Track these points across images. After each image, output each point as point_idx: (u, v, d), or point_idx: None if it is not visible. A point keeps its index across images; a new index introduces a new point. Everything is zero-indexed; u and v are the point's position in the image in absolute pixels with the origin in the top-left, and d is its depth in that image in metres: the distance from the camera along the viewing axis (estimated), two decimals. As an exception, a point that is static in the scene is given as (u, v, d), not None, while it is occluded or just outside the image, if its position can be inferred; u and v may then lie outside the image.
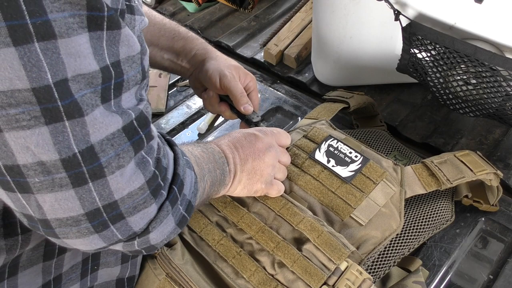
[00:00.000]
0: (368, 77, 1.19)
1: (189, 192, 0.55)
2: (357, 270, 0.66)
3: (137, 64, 0.47)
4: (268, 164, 0.71)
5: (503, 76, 0.85)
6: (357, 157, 0.78)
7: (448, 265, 0.81)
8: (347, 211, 0.74)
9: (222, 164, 0.66)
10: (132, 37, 0.45)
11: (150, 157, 0.48)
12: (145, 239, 0.50)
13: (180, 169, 0.53)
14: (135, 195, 0.47)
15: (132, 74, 0.46)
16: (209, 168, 0.62)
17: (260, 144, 0.70)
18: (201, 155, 0.63)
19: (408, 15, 0.94)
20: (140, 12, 0.53)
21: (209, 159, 0.64)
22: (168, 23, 0.86)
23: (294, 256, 0.68)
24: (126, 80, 0.46)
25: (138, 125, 0.47)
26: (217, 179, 0.64)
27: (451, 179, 0.77)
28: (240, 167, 0.68)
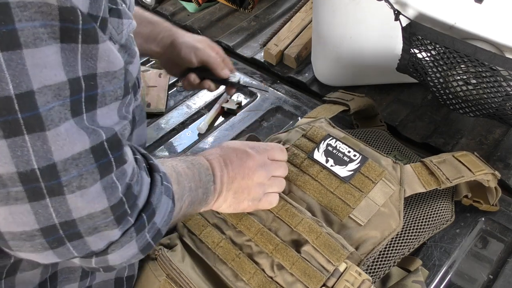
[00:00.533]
0: (368, 77, 1.19)
1: (161, 221, 0.53)
2: (356, 271, 0.66)
3: (118, 80, 0.45)
4: (257, 183, 0.69)
5: (503, 76, 0.85)
6: (356, 156, 0.78)
7: (448, 265, 0.81)
8: (346, 211, 0.74)
9: (207, 183, 0.64)
10: (113, 53, 0.44)
11: (120, 183, 0.46)
12: (103, 259, 0.49)
13: (154, 198, 0.51)
14: (96, 217, 0.45)
15: (111, 89, 0.45)
16: (190, 187, 0.60)
17: (250, 162, 0.68)
18: (185, 172, 0.61)
19: (408, 15, 0.94)
20: (128, 16, 0.52)
21: (193, 176, 0.62)
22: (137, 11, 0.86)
23: (293, 258, 0.68)
24: (101, 94, 0.44)
25: (109, 147, 0.45)
26: (197, 198, 0.63)
27: (450, 178, 0.77)
28: (227, 185, 0.66)
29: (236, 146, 0.70)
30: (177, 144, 1.08)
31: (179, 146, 1.07)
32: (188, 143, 1.07)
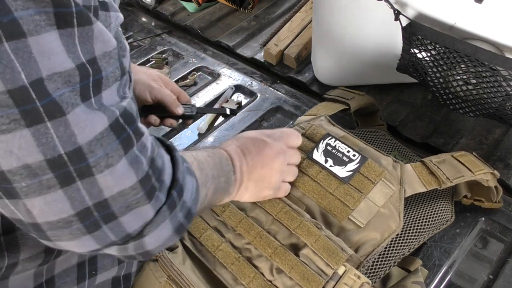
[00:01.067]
0: (368, 77, 1.19)
1: (190, 198, 0.53)
2: (355, 274, 0.66)
3: (115, 60, 0.45)
4: (277, 171, 0.70)
5: (503, 76, 0.85)
6: (355, 156, 0.78)
7: (448, 265, 0.81)
8: (345, 213, 0.74)
9: (228, 172, 0.64)
10: (106, 33, 0.44)
11: (143, 156, 0.47)
12: (140, 243, 0.49)
13: (180, 174, 0.51)
14: (127, 194, 0.45)
15: (111, 70, 0.45)
16: (213, 174, 0.61)
17: (269, 150, 0.69)
18: (206, 160, 0.61)
19: (408, 15, 0.94)
20: (115, 8, 0.51)
21: (215, 165, 0.62)
22: None
23: (292, 262, 0.68)
24: (105, 77, 0.44)
25: (125, 122, 0.45)
26: (220, 187, 0.63)
27: (450, 178, 0.77)
28: (247, 175, 0.67)
29: (252, 136, 0.71)
30: (177, 144, 1.08)
31: (179, 146, 1.07)
32: (188, 143, 1.07)
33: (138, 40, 1.42)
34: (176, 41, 1.41)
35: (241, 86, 1.23)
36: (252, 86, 1.23)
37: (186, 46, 1.39)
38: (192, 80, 1.25)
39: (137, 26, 1.49)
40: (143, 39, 1.43)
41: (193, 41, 1.43)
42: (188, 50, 1.37)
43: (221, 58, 1.34)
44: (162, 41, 1.41)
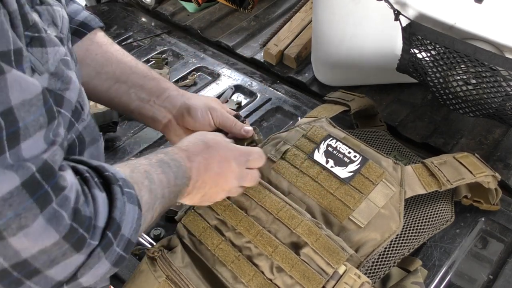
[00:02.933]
0: (368, 77, 1.19)
1: (129, 231, 0.50)
2: (355, 274, 0.66)
3: (38, 107, 0.43)
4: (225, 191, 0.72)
5: (503, 76, 0.85)
6: (356, 157, 0.78)
7: (448, 265, 0.81)
8: (346, 213, 0.74)
9: (182, 186, 0.63)
10: (24, 80, 0.41)
11: (64, 210, 0.43)
12: (75, 284, 0.47)
13: (117, 212, 0.48)
14: (50, 251, 0.42)
15: (32, 119, 0.42)
16: (163, 194, 0.58)
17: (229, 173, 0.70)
18: (159, 179, 0.58)
19: (408, 15, 0.94)
20: (54, 43, 0.49)
21: (168, 182, 0.60)
22: (139, 63, 0.81)
23: (292, 260, 0.68)
24: (24, 127, 0.41)
25: (42, 178, 0.42)
26: (169, 202, 0.62)
27: (451, 180, 0.77)
28: (198, 190, 0.67)
29: (221, 151, 0.69)
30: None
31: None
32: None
33: (138, 40, 1.42)
34: (176, 41, 1.41)
35: (241, 86, 1.23)
36: (252, 86, 1.22)
37: (186, 46, 1.38)
38: (192, 80, 1.25)
39: (137, 26, 1.49)
40: (143, 39, 1.42)
41: (193, 41, 1.43)
42: (188, 50, 1.36)
43: (221, 58, 1.34)
44: (162, 41, 1.41)
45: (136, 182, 0.54)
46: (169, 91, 0.79)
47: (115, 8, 1.59)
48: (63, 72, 0.51)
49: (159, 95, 0.78)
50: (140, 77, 0.78)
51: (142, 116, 0.79)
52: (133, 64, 0.79)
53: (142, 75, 0.78)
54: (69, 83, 0.54)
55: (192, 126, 0.78)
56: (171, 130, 0.80)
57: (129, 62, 0.79)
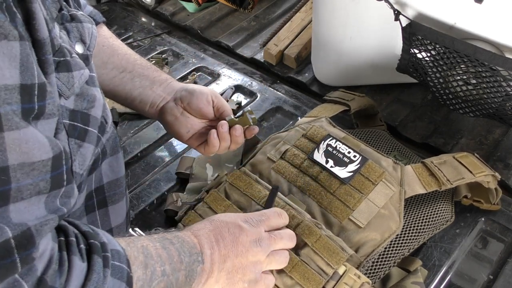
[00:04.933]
0: (368, 77, 1.19)
1: None
2: (355, 274, 0.66)
3: (41, 172, 0.41)
4: (252, 262, 0.62)
5: (503, 76, 0.85)
6: (356, 157, 0.78)
7: (448, 265, 0.81)
8: (346, 213, 0.74)
9: (192, 264, 0.57)
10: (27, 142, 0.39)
11: (25, 280, 0.39)
12: None
13: (90, 286, 0.44)
14: None
15: (29, 183, 0.40)
16: (163, 271, 0.53)
17: (244, 237, 0.62)
18: (158, 254, 0.54)
19: (408, 15, 0.94)
20: (79, 66, 0.49)
21: (169, 258, 0.55)
22: (142, 58, 0.83)
23: (292, 261, 0.68)
24: (16, 189, 0.39)
25: (16, 246, 0.39)
26: (176, 283, 0.55)
27: (451, 180, 0.77)
28: (219, 265, 0.60)
29: (227, 220, 0.64)
30: (177, 144, 1.08)
31: (178, 146, 1.07)
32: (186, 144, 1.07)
33: (138, 40, 1.42)
34: (176, 41, 1.41)
35: (241, 86, 1.23)
36: (252, 86, 1.22)
37: (186, 46, 1.38)
38: (192, 80, 1.25)
39: (137, 26, 1.49)
40: (143, 39, 1.43)
41: (193, 41, 1.43)
42: (188, 50, 1.36)
43: (221, 58, 1.34)
44: (162, 41, 1.41)
45: (129, 256, 0.50)
46: (171, 80, 0.81)
47: (115, 8, 1.59)
48: (88, 91, 0.51)
49: (162, 83, 0.80)
50: (144, 68, 0.81)
51: (142, 103, 0.79)
52: (137, 57, 0.82)
53: (146, 67, 0.81)
54: (94, 101, 0.54)
55: (194, 106, 0.77)
56: (167, 111, 0.78)
57: (133, 54, 0.82)
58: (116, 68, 0.79)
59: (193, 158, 0.99)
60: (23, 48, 0.39)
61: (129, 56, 0.81)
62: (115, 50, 0.80)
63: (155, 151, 1.06)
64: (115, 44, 0.81)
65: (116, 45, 0.81)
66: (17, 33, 0.38)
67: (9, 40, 0.37)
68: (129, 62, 0.80)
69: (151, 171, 1.00)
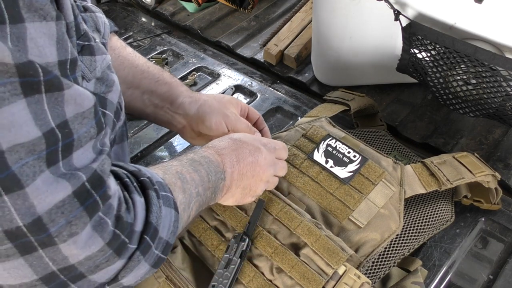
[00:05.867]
0: (368, 77, 1.19)
1: (167, 233, 0.52)
2: (355, 274, 0.66)
3: (89, 119, 0.45)
4: (264, 181, 0.70)
5: (503, 76, 0.85)
6: (356, 157, 0.78)
7: (448, 265, 0.81)
8: (346, 213, 0.74)
9: (217, 181, 0.63)
10: (79, 95, 0.43)
11: (108, 217, 0.45)
12: (116, 284, 0.49)
13: (153, 216, 0.50)
14: (95, 257, 0.44)
15: (84, 131, 0.44)
16: (198, 192, 0.59)
17: (262, 160, 0.68)
18: (192, 178, 0.59)
19: (408, 15, 0.94)
20: (101, 51, 0.51)
21: (201, 180, 0.60)
22: (152, 66, 0.80)
23: (292, 261, 0.68)
24: (77, 139, 0.43)
25: (92, 187, 0.44)
26: (206, 200, 0.62)
27: (451, 180, 0.77)
28: (237, 182, 0.66)
29: (249, 141, 0.69)
30: (177, 144, 1.08)
31: (179, 146, 1.07)
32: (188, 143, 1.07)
33: (138, 40, 1.42)
34: (176, 41, 1.41)
35: (241, 86, 1.23)
36: (252, 86, 1.23)
37: (186, 46, 1.39)
38: (192, 80, 1.25)
39: (137, 26, 1.49)
40: (143, 39, 1.43)
41: (193, 41, 1.43)
42: (188, 50, 1.36)
43: (221, 58, 1.34)
44: (162, 41, 1.41)
45: (169, 183, 0.55)
46: (182, 98, 0.78)
47: (115, 8, 1.59)
48: (108, 76, 0.53)
49: (172, 101, 0.78)
50: (152, 82, 0.78)
51: (158, 121, 0.80)
52: (144, 68, 0.79)
53: (153, 80, 0.78)
54: (112, 86, 0.55)
55: (207, 132, 0.78)
56: (187, 134, 0.81)
57: (141, 65, 0.79)
58: (123, 83, 0.76)
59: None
60: (59, 27, 0.42)
61: (136, 69, 0.78)
62: (121, 63, 0.78)
63: (155, 151, 1.06)
64: (121, 55, 0.79)
65: (122, 57, 0.78)
66: (55, 14, 0.41)
67: (47, 21, 0.40)
68: (135, 77, 0.78)
69: (151, 171, 1.00)
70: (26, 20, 0.38)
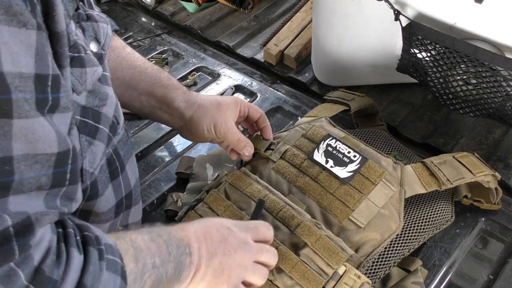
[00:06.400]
0: (368, 77, 1.19)
1: None
2: (355, 274, 0.66)
3: (43, 166, 0.40)
4: (238, 264, 0.61)
5: (503, 76, 0.85)
6: (356, 157, 0.78)
7: (448, 265, 0.81)
8: (346, 213, 0.74)
9: (180, 256, 0.56)
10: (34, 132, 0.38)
11: (21, 269, 0.38)
12: None
13: (88, 277, 0.43)
14: None
15: (31, 176, 0.39)
16: (153, 263, 0.52)
17: (232, 239, 0.61)
18: (147, 246, 0.53)
19: (408, 15, 0.94)
20: (92, 63, 0.49)
21: (158, 250, 0.54)
22: (150, 67, 0.79)
23: (292, 261, 0.68)
24: (18, 181, 0.38)
25: (15, 233, 0.38)
26: (166, 275, 0.54)
27: (451, 180, 0.77)
28: (206, 261, 0.58)
29: (216, 221, 0.65)
30: (177, 144, 1.08)
31: (179, 146, 1.07)
32: (188, 143, 1.07)
33: (138, 40, 1.42)
34: (176, 41, 1.41)
35: (241, 86, 1.23)
36: (252, 86, 1.22)
37: (186, 46, 1.38)
38: (192, 80, 1.25)
39: (137, 26, 1.49)
40: (143, 39, 1.43)
41: (193, 41, 1.43)
42: (188, 50, 1.36)
43: (221, 58, 1.34)
44: (162, 41, 1.41)
45: (121, 249, 0.49)
46: (177, 102, 0.78)
47: (115, 8, 1.59)
48: (100, 89, 0.51)
49: (169, 104, 0.78)
50: (149, 84, 0.78)
51: (156, 120, 0.82)
52: (142, 70, 0.78)
53: (151, 82, 0.78)
54: (106, 99, 0.54)
55: (202, 136, 0.80)
56: (185, 133, 0.82)
57: (139, 67, 0.79)
58: (122, 84, 0.77)
59: (193, 158, 0.99)
60: (39, 38, 0.39)
61: (134, 70, 0.78)
62: (119, 64, 0.77)
63: (155, 151, 1.06)
64: (120, 56, 0.78)
65: (121, 57, 0.78)
66: (36, 22, 0.38)
67: (27, 29, 0.37)
68: (133, 78, 0.77)
69: (151, 171, 1.00)
70: (1, 22, 0.35)
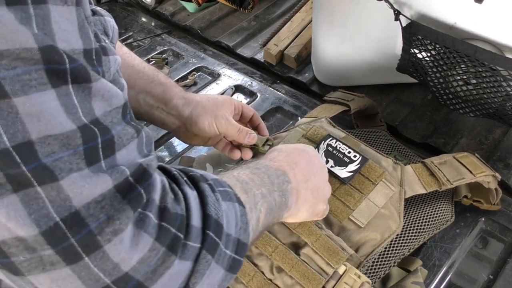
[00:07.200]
0: (368, 77, 1.19)
1: (235, 229, 0.47)
2: (355, 274, 0.66)
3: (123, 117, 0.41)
4: (324, 182, 0.67)
5: (503, 76, 0.85)
6: (356, 157, 0.78)
7: (448, 265, 0.81)
8: (346, 213, 0.74)
9: (282, 184, 0.58)
10: (108, 91, 0.40)
11: (148, 211, 0.40)
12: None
13: (211, 208, 0.45)
14: (148, 258, 0.39)
15: (121, 128, 0.41)
16: (262, 193, 0.54)
17: (314, 160, 0.65)
18: (250, 178, 0.55)
19: (408, 15, 0.94)
20: (112, 52, 0.49)
21: (262, 181, 0.56)
22: (147, 66, 0.79)
23: (292, 260, 0.69)
24: (117, 136, 0.40)
25: (136, 180, 0.40)
26: (275, 203, 0.56)
27: (451, 180, 0.77)
28: (303, 184, 0.62)
29: (291, 146, 0.68)
30: (177, 144, 1.08)
31: (179, 146, 1.07)
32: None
33: (138, 40, 1.42)
34: (176, 41, 1.41)
35: (241, 86, 1.23)
36: (252, 86, 1.23)
37: (186, 46, 1.39)
38: (192, 80, 1.25)
39: (137, 26, 1.49)
40: (143, 39, 1.43)
41: (193, 41, 1.43)
42: (188, 50, 1.37)
43: (221, 58, 1.34)
44: (162, 41, 1.41)
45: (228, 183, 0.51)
46: (176, 100, 0.78)
47: (115, 8, 1.59)
48: (119, 80, 0.51)
49: (166, 102, 0.78)
50: (147, 83, 0.77)
51: (152, 120, 0.80)
52: (140, 68, 0.78)
53: (149, 80, 0.78)
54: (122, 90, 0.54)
55: (201, 134, 0.79)
56: (182, 134, 0.81)
57: (136, 65, 0.78)
58: None
59: (193, 158, 0.99)
60: (78, 13, 0.38)
61: (131, 69, 0.77)
62: None
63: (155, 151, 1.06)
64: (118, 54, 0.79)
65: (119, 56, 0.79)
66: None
67: (68, 5, 0.37)
68: (131, 77, 0.76)
69: (151, 171, 1.00)
70: (49, 1, 0.35)
